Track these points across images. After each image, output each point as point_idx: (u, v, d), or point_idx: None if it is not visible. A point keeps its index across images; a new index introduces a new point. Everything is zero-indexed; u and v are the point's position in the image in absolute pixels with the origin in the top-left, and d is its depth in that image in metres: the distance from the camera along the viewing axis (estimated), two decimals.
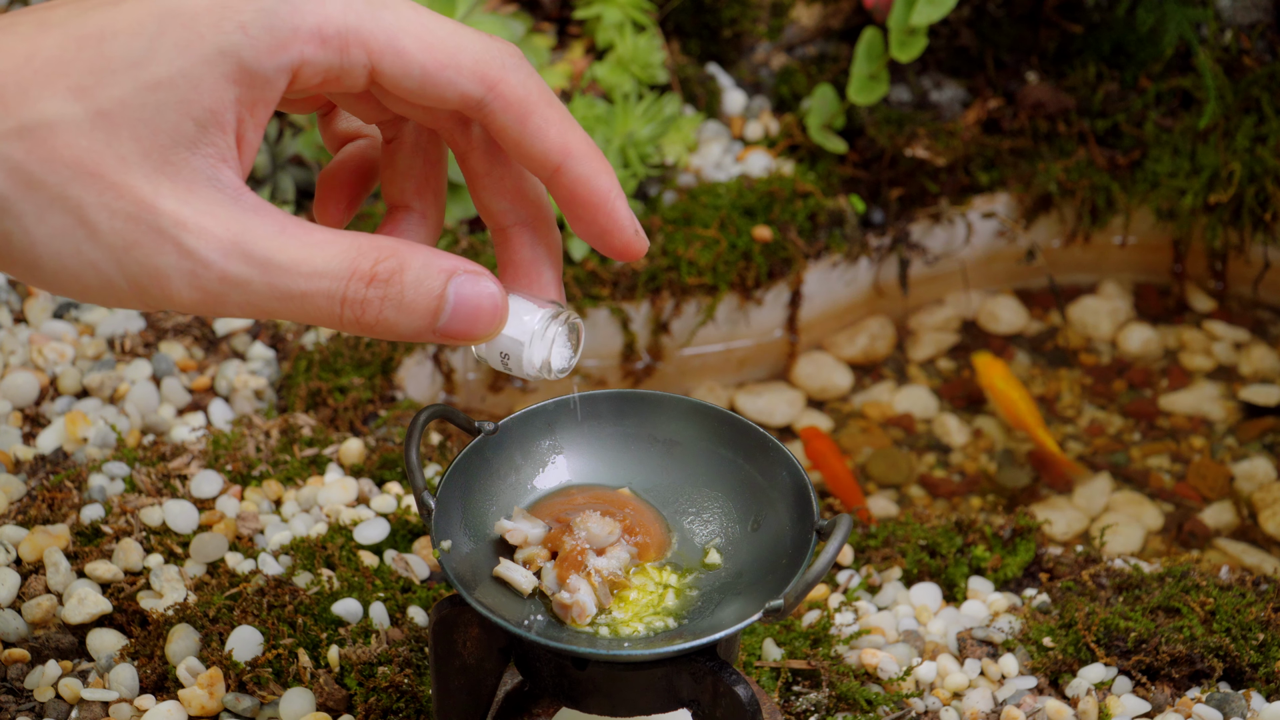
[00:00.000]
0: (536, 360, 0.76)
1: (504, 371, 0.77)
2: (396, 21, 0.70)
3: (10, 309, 1.27)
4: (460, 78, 0.71)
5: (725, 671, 0.79)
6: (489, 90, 0.71)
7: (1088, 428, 1.38)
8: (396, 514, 1.08)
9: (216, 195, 0.67)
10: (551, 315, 0.76)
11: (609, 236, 0.76)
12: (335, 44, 0.68)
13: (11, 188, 0.65)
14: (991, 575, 1.10)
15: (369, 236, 0.69)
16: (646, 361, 1.41)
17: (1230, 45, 1.47)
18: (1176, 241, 1.49)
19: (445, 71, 0.70)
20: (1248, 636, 1.02)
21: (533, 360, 0.76)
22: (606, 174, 0.75)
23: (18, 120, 0.65)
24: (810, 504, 0.83)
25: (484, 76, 0.71)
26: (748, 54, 1.55)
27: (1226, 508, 1.31)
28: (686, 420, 0.89)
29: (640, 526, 0.85)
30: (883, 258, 1.47)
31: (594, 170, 0.74)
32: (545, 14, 1.52)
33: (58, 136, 0.65)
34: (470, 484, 0.86)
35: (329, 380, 1.23)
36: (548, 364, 0.76)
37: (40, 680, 0.98)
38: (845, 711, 0.99)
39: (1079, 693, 1.00)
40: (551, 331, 0.76)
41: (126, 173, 0.65)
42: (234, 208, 0.67)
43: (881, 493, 1.33)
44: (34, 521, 1.07)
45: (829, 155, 1.47)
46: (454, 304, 0.70)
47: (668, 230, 1.38)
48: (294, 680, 0.98)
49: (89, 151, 0.65)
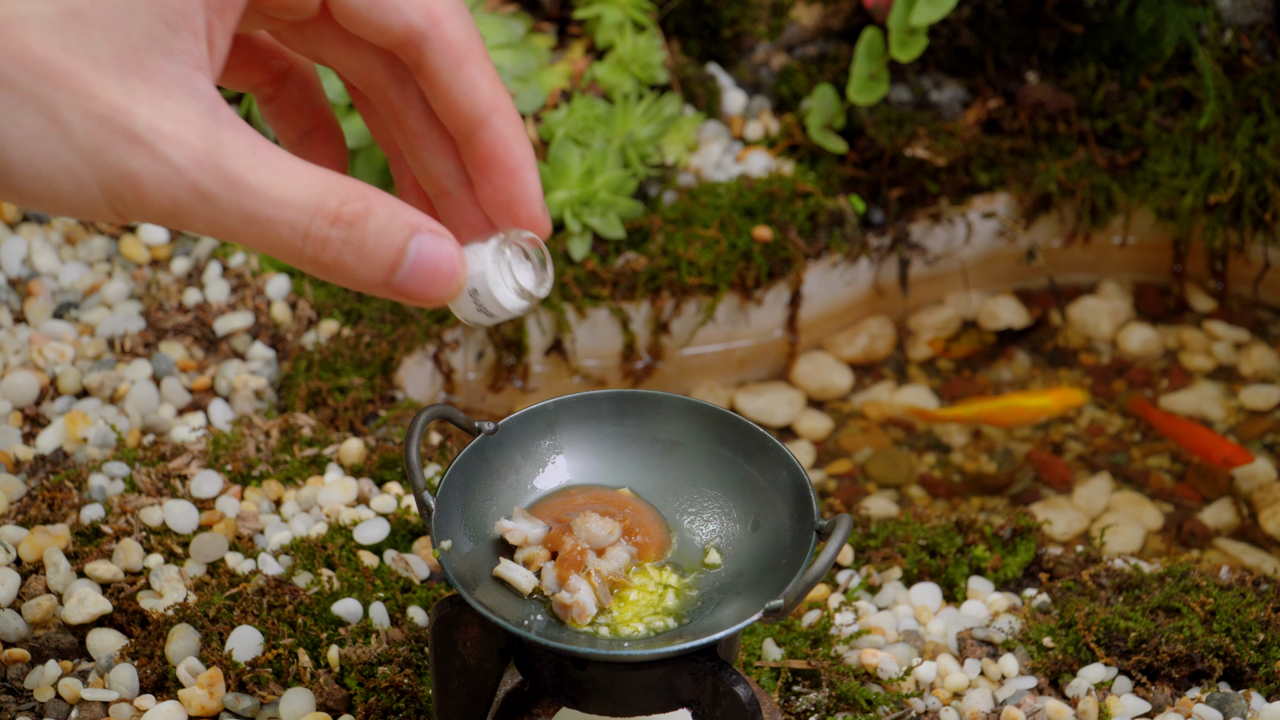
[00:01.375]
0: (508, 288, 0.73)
1: (487, 322, 0.74)
2: None
3: (10, 309, 1.27)
4: (407, 6, 0.71)
5: (725, 671, 0.79)
6: (432, 26, 0.71)
7: (1088, 428, 1.38)
8: (396, 514, 1.08)
9: (192, 104, 0.66)
10: (499, 241, 0.74)
11: (516, 206, 0.75)
12: None
13: None
14: (991, 575, 1.10)
15: (340, 176, 0.68)
16: (646, 361, 1.41)
17: (1230, 45, 1.47)
18: (1176, 241, 1.49)
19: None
20: (1248, 636, 1.02)
21: (505, 293, 0.73)
22: (526, 142, 0.74)
23: None
24: (810, 504, 0.83)
25: (429, 11, 0.71)
26: (748, 54, 1.55)
27: (1226, 508, 1.31)
28: (686, 420, 0.89)
29: (640, 526, 0.85)
30: (883, 258, 1.47)
31: (516, 134, 0.74)
32: (545, 14, 1.52)
33: (29, 33, 0.64)
34: (470, 484, 0.86)
35: (329, 380, 1.23)
36: (520, 288, 0.74)
37: (40, 680, 0.98)
38: (845, 711, 0.99)
39: (1079, 693, 1.00)
40: (507, 255, 0.74)
41: (100, 73, 0.64)
42: (210, 119, 0.66)
43: (881, 493, 1.33)
44: (34, 521, 1.07)
45: (829, 155, 1.47)
46: (413, 261, 0.68)
47: (668, 230, 1.38)
48: (294, 680, 0.98)
49: (62, 50, 0.64)
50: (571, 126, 1.38)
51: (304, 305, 1.29)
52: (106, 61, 0.65)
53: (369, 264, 0.68)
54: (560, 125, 1.38)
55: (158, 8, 0.65)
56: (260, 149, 0.66)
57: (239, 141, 0.66)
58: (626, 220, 1.38)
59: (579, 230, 1.35)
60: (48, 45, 0.64)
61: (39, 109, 0.64)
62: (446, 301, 0.71)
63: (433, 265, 0.68)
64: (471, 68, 0.73)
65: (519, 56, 1.41)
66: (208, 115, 0.66)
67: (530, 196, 0.75)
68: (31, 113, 0.64)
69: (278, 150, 0.67)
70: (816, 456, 1.37)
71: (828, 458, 1.37)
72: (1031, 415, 1.38)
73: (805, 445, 1.37)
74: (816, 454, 1.37)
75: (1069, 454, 1.36)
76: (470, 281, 0.73)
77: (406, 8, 0.71)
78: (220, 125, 0.66)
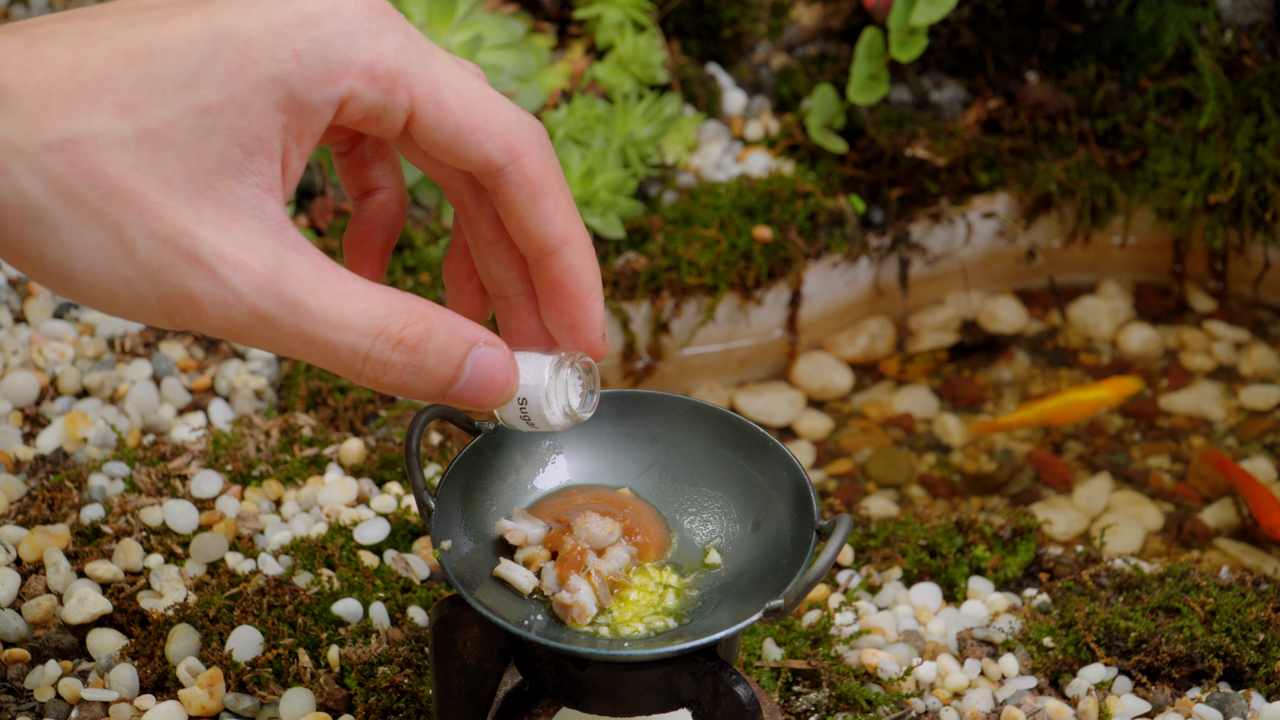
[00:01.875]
0: (559, 409, 0.77)
1: (526, 429, 0.78)
2: (443, 74, 0.70)
3: (10, 309, 1.27)
4: (489, 142, 0.71)
5: (725, 671, 0.79)
6: (512, 160, 0.72)
7: (1088, 428, 1.38)
8: (396, 514, 1.08)
9: (259, 227, 0.67)
10: (559, 360, 0.77)
11: (577, 332, 0.77)
12: (384, 83, 0.69)
13: (50, 200, 0.64)
14: (991, 575, 1.10)
15: (400, 295, 0.69)
16: (646, 361, 1.41)
17: (1230, 45, 1.47)
18: (1176, 241, 1.49)
19: (477, 133, 0.71)
20: (1248, 636, 1.02)
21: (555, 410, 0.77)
22: (595, 272, 0.76)
23: (60, 133, 0.64)
24: (810, 504, 0.83)
25: (511, 146, 0.72)
26: (748, 54, 1.55)
27: (1227, 508, 1.31)
28: (686, 420, 0.89)
29: (640, 527, 0.85)
30: (883, 258, 1.47)
31: (586, 265, 0.76)
32: (545, 14, 1.52)
33: (101, 152, 0.64)
34: (470, 484, 0.86)
35: (329, 380, 1.23)
36: (569, 408, 0.77)
37: (40, 680, 0.98)
38: (845, 711, 0.99)
39: (1079, 693, 1.00)
40: (564, 374, 0.77)
41: (169, 195, 0.65)
42: (275, 242, 0.67)
43: (881, 493, 1.33)
44: (34, 521, 1.08)
45: (829, 155, 1.47)
46: (470, 374, 0.71)
47: (668, 230, 1.38)
48: (294, 680, 0.98)
49: (132, 170, 0.65)
50: (571, 126, 1.38)
51: None
52: (177, 183, 0.65)
53: (429, 382, 0.70)
54: (560, 125, 1.38)
55: (234, 132, 0.66)
56: (323, 271, 0.67)
57: (302, 264, 0.67)
58: (626, 220, 1.38)
59: None
60: (119, 164, 0.65)
61: (105, 225, 0.65)
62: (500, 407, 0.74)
63: (488, 377, 0.71)
64: (547, 201, 0.74)
65: (519, 56, 1.41)
66: (273, 238, 0.67)
67: (592, 324, 0.77)
68: (97, 228, 0.65)
69: (340, 271, 0.68)
70: (816, 456, 1.37)
71: (828, 458, 1.37)
72: (1091, 409, 1.38)
73: (805, 445, 1.38)
74: (816, 454, 1.37)
75: (1069, 454, 1.36)
76: (521, 390, 0.76)
77: (489, 143, 0.71)
78: (285, 248, 0.67)
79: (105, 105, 0.64)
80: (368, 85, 0.68)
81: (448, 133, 0.71)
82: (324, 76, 0.67)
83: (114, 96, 0.65)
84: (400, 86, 0.69)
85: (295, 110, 0.67)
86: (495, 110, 0.71)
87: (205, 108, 0.65)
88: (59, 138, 0.64)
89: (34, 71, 0.64)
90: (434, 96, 0.70)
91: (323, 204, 1.38)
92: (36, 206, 0.65)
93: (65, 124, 0.64)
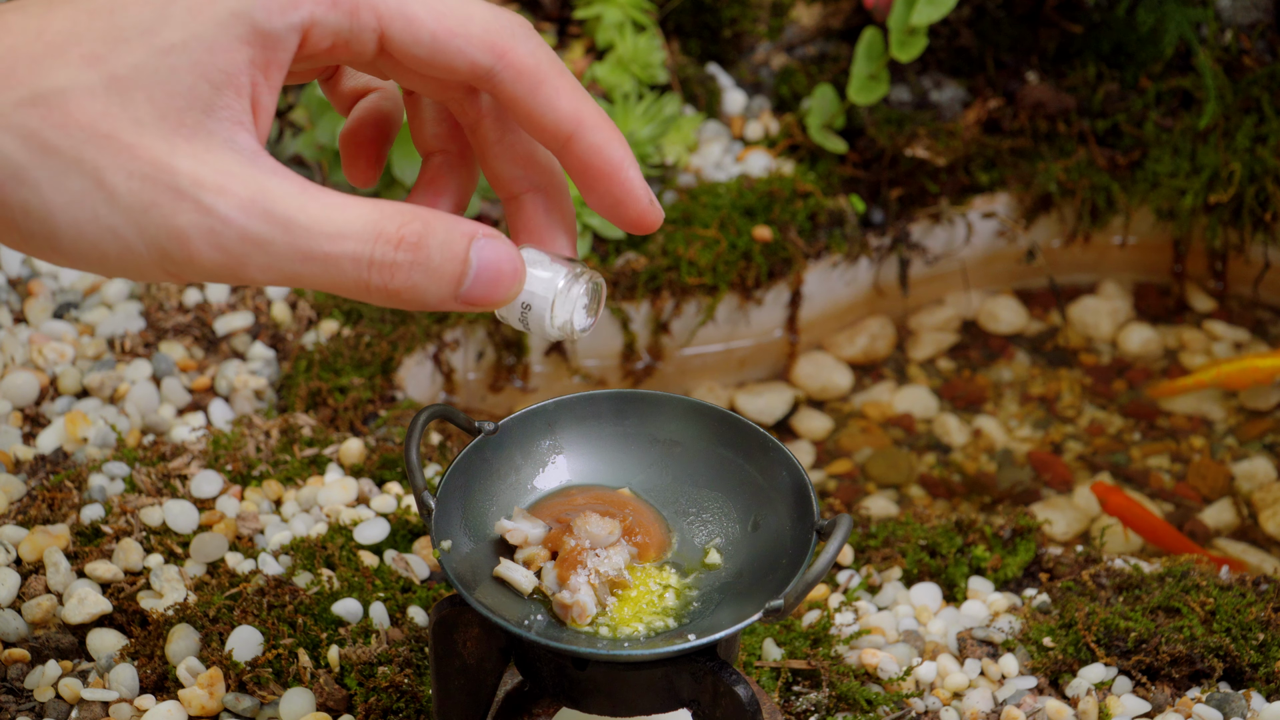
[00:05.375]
0: (559, 319, 0.75)
1: (520, 329, 0.76)
2: None
3: (10, 309, 1.27)
4: (470, 46, 0.70)
5: (725, 671, 0.79)
6: (498, 59, 0.71)
7: (1088, 428, 1.38)
8: (396, 514, 1.08)
9: (234, 156, 0.66)
10: (575, 274, 0.75)
11: (623, 207, 0.75)
12: (345, 6, 0.68)
13: (27, 155, 0.65)
14: (991, 575, 1.10)
15: (388, 201, 0.68)
16: (646, 361, 1.41)
17: (1230, 45, 1.47)
18: (1176, 241, 1.49)
19: (455, 40, 0.70)
20: (1248, 636, 1.02)
21: (555, 319, 0.75)
22: (619, 143, 0.74)
23: (30, 89, 0.65)
24: (810, 504, 0.83)
25: (493, 45, 0.71)
26: (748, 54, 1.55)
27: (1226, 507, 1.31)
28: (686, 420, 0.89)
29: (640, 527, 0.85)
30: (883, 258, 1.47)
31: (606, 139, 0.74)
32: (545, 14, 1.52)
33: (71, 102, 0.65)
34: (470, 484, 0.86)
35: (329, 380, 1.23)
36: (570, 324, 0.75)
37: (40, 680, 0.98)
38: (845, 711, 0.99)
39: (1079, 693, 1.00)
40: (576, 290, 0.75)
41: (142, 134, 0.65)
42: (252, 168, 0.66)
43: (881, 493, 1.33)
44: (34, 521, 1.08)
45: (829, 155, 1.47)
46: (477, 268, 0.69)
47: (668, 230, 1.38)
48: (294, 680, 0.98)
49: (104, 115, 0.65)
50: None
51: (304, 305, 1.29)
52: (148, 123, 0.65)
53: (438, 280, 0.68)
54: None
55: (200, 68, 0.66)
56: (307, 189, 0.67)
57: (284, 185, 0.66)
58: None
59: (579, 230, 1.35)
60: (90, 111, 0.65)
61: (83, 172, 0.65)
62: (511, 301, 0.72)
63: (495, 268, 0.69)
64: (546, 89, 0.72)
65: None
66: (249, 165, 0.66)
67: (634, 194, 0.75)
68: (76, 176, 0.65)
69: (324, 189, 0.67)
70: (816, 456, 1.37)
71: (828, 458, 1.37)
72: (1267, 375, 1.38)
73: (805, 445, 1.38)
74: (816, 454, 1.37)
75: (1069, 454, 1.36)
76: (528, 295, 0.74)
77: (469, 48, 0.71)
78: (263, 173, 0.66)
79: (72, 59, 0.65)
80: (329, 9, 0.68)
81: (425, 46, 0.70)
82: (283, 5, 0.67)
83: (80, 50, 0.65)
84: (364, 7, 0.69)
85: (259, 42, 0.67)
86: (469, 14, 0.71)
87: (169, 48, 0.66)
88: (29, 94, 0.65)
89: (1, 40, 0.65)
90: (402, 12, 0.69)
91: None
92: (15, 164, 0.65)
93: (35, 81, 0.65)
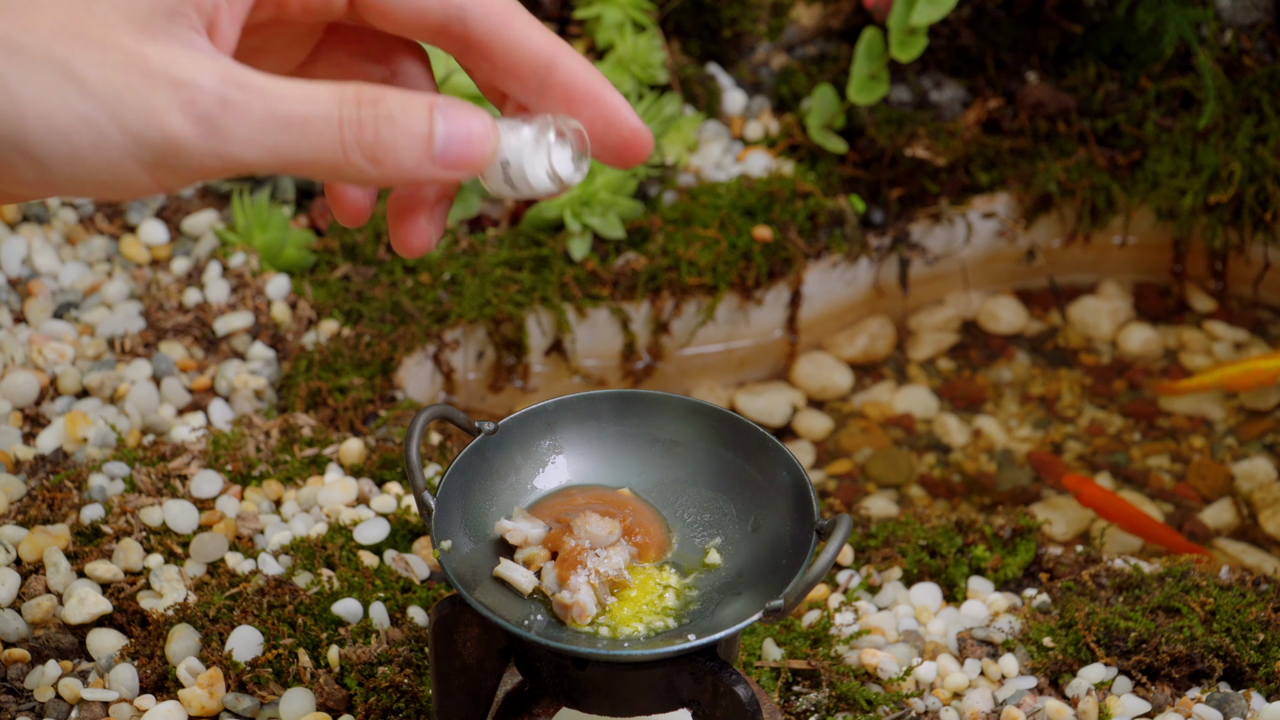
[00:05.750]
0: (542, 166, 0.74)
1: (512, 195, 0.75)
2: None
3: (10, 309, 1.27)
4: None
5: (725, 671, 0.79)
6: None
7: (1088, 428, 1.38)
8: (396, 514, 1.08)
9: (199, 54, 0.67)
10: (546, 122, 0.74)
11: (614, 128, 0.75)
12: None
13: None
14: (991, 575, 1.10)
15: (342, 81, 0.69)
16: (646, 361, 1.41)
17: (1230, 45, 1.47)
18: (1176, 241, 1.49)
19: None
20: (1248, 636, 1.02)
21: (537, 167, 0.74)
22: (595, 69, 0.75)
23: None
24: (810, 504, 0.83)
25: None
26: (748, 54, 1.55)
27: (1226, 508, 1.31)
28: (686, 420, 0.89)
29: (640, 527, 0.85)
30: (883, 258, 1.47)
31: (585, 64, 0.75)
32: (545, 14, 1.52)
33: (39, 10, 0.65)
34: (470, 484, 0.86)
35: (329, 380, 1.23)
36: (555, 171, 0.74)
37: (40, 680, 0.98)
38: (845, 711, 0.99)
39: (1079, 693, 1.00)
40: (549, 135, 0.74)
41: (109, 31, 0.65)
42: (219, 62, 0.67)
43: (881, 493, 1.33)
44: (34, 521, 1.08)
45: (829, 155, 1.47)
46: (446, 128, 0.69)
47: (668, 230, 1.38)
48: (294, 680, 0.98)
49: (70, 18, 0.65)
50: None
51: (304, 305, 1.29)
52: (114, 22, 0.65)
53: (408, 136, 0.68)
54: None
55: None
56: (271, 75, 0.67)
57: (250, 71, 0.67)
58: (626, 220, 1.38)
59: (579, 230, 1.35)
60: (55, 15, 0.65)
61: (52, 65, 0.65)
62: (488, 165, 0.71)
63: (464, 125, 0.69)
64: (519, 21, 0.74)
65: None
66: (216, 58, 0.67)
67: (621, 113, 0.75)
68: (45, 69, 0.65)
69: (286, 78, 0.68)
70: (816, 456, 1.37)
71: (828, 458, 1.37)
72: (1270, 377, 1.38)
73: (805, 445, 1.38)
74: (816, 454, 1.37)
75: (1069, 454, 1.36)
76: (504, 153, 0.73)
77: None
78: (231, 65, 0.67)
79: None
80: None
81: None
82: None
83: None
84: None
85: None
86: None
87: None
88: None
89: None
90: None
91: (323, 204, 1.38)
92: None
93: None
